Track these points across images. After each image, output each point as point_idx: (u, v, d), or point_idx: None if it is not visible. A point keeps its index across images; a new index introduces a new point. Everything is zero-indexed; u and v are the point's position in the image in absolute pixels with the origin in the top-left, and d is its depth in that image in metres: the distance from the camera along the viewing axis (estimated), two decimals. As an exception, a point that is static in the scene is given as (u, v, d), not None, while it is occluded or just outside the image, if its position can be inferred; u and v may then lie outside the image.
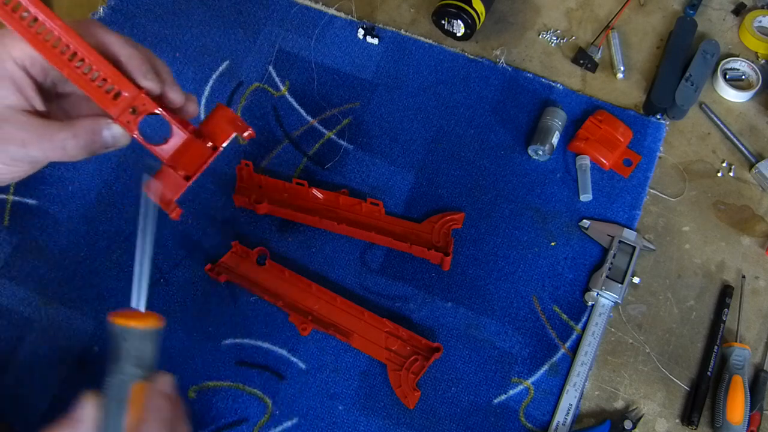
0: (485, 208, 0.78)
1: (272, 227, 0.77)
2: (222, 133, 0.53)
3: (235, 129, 0.53)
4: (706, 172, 0.81)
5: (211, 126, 0.53)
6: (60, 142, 0.46)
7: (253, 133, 0.53)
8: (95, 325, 0.72)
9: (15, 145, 0.46)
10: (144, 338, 0.47)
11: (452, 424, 0.69)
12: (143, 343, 0.47)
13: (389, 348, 0.70)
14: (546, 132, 0.79)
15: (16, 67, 0.46)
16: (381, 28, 0.87)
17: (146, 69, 0.48)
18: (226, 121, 0.53)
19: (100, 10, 0.87)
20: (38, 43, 0.45)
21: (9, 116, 0.46)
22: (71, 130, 0.47)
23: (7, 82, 0.46)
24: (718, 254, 0.76)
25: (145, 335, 0.47)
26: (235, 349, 0.71)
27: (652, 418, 0.70)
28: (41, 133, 0.46)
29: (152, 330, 0.47)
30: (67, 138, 0.46)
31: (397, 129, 0.82)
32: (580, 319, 0.73)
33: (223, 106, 0.53)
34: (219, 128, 0.53)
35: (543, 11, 0.90)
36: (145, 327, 0.47)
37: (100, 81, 0.46)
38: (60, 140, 0.46)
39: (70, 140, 0.46)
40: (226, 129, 0.53)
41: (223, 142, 0.53)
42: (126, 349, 0.46)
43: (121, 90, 0.47)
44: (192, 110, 0.53)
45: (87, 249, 0.75)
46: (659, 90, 0.82)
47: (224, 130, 0.53)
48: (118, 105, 0.47)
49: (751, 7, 0.90)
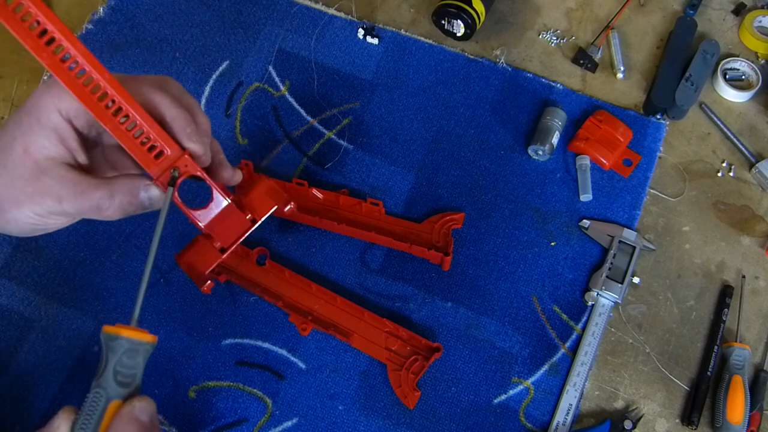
0: (485, 208, 0.78)
1: (272, 227, 0.77)
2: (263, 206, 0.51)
3: (277, 202, 0.51)
4: (706, 172, 0.81)
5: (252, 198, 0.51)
6: (96, 201, 0.46)
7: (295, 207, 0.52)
8: (95, 325, 0.72)
9: (51, 200, 0.45)
10: (133, 351, 0.43)
11: (452, 424, 0.69)
12: (131, 358, 0.43)
13: (389, 348, 0.70)
14: (546, 132, 0.79)
15: (60, 119, 0.45)
16: (381, 28, 0.87)
17: (191, 131, 0.46)
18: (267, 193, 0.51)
19: (100, 10, 0.87)
20: (84, 96, 0.44)
21: (49, 168, 0.45)
22: (108, 189, 0.46)
23: (50, 132, 0.45)
24: (718, 254, 0.76)
25: (135, 347, 0.43)
26: (235, 349, 0.71)
27: (652, 418, 0.70)
28: (78, 190, 0.45)
29: (144, 343, 0.43)
30: (103, 198, 0.46)
31: (397, 129, 0.82)
32: (580, 319, 0.73)
33: (266, 179, 0.52)
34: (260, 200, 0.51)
35: (543, 11, 0.90)
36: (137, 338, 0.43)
37: (144, 138, 0.45)
38: (96, 199, 0.45)
39: (105, 200, 0.46)
40: (268, 202, 0.51)
41: (263, 216, 0.51)
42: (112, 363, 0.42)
43: (164, 150, 0.46)
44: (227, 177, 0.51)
45: (87, 249, 0.75)
46: (659, 90, 0.82)
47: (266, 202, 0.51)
48: (160, 165, 0.46)
49: (751, 7, 0.90)
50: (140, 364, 0.44)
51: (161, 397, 0.69)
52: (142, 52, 0.85)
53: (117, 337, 0.43)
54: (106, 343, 0.43)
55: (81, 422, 0.41)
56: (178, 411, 0.69)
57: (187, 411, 0.69)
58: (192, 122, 0.47)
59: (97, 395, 0.42)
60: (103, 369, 0.42)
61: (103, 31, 0.86)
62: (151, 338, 0.44)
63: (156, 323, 0.72)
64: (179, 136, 0.47)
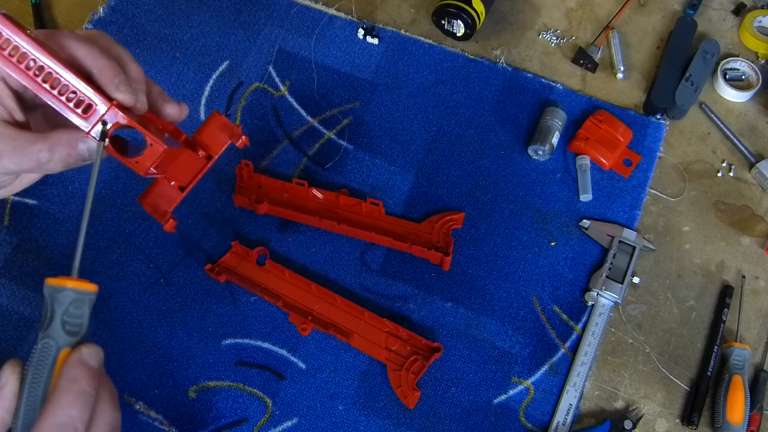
0: (485, 208, 0.78)
1: (272, 227, 0.77)
2: (217, 143, 0.52)
3: (231, 137, 0.52)
4: (706, 172, 0.81)
5: (206, 135, 0.52)
6: (36, 155, 0.45)
7: (246, 140, 0.53)
8: (95, 325, 0.72)
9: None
10: (79, 301, 0.43)
11: (452, 424, 0.69)
12: (78, 307, 0.43)
13: (389, 348, 0.70)
14: (546, 132, 0.79)
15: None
16: (381, 28, 0.87)
17: (119, 81, 0.46)
18: (220, 129, 0.53)
19: (100, 10, 0.87)
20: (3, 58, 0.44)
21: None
22: (47, 142, 0.46)
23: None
24: (718, 254, 0.76)
25: (81, 297, 0.43)
26: (235, 349, 0.71)
27: (652, 418, 0.70)
28: (17, 145, 0.45)
29: (89, 292, 0.44)
30: (42, 150, 0.45)
31: (397, 129, 0.82)
32: (580, 319, 0.73)
33: (218, 114, 0.53)
34: (213, 137, 0.52)
35: (543, 11, 0.90)
36: (83, 288, 0.43)
37: (70, 94, 0.45)
38: (35, 152, 0.45)
39: (45, 153, 0.45)
40: (221, 138, 0.52)
41: (218, 152, 0.52)
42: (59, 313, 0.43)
43: (92, 103, 0.46)
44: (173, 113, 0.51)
45: (87, 249, 0.75)
46: (659, 90, 0.82)
47: (219, 139, 0.52)
48: (89, 119, 0.46)
49: (751, 7, 0.90)
50: (86, 313, 0.44)
51: (161, 397, 0.69)
52: (142, 52, 0.85)
53: (63, 289, 0.43)
54: (51, 296, 0.43)
55: (33, 373, 0.41)
56: (178, 411, 0.69)
57: (187, 411, 0.69)
58: (120, 72, 0.47)
59: (46, 345, 0.42)
60: (49, 321, 0.42)
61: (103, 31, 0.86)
62: (95, 287, 0.44)
63: (156, 323, 0.72)
64: (107, 87, 0.46)
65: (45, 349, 0.42)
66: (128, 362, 0.71)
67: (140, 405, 0.69)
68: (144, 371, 0.70)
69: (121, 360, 0.71)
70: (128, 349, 0.71)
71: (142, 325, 0.72)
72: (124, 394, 0.69)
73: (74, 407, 0.40)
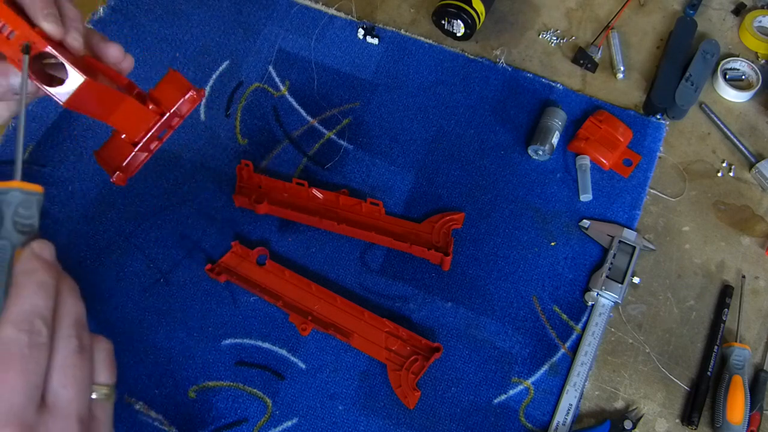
0: (485, 208, 0.78)
1: (272, 227, 0.77)
2: (170, 98, 0.52)
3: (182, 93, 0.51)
4: (706, 172, 0.81)
5: (159, 91, 0.52)
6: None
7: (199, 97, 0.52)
8: (95, 325, 0.72)
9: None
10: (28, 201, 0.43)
11: (452, 424, 0.69)
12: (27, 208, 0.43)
13: (389, 348, 0.70)
14: (546, 132, 0.79)
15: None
16: (381, 28, 0.87)
17: (48, 12, 0.46)
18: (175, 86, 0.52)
19: (100, 10, 0.87)
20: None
21: None
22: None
23: None
24: (718, 254, 0.76)
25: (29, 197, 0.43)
26: (235, 349, 0.71)
27: (652, 418, 0.70)
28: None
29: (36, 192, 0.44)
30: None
31: (397, 129, 0.82)
32: (580, 319, 0.73)
33: (174, 72, 0.52)
34: (167, 93, 0.52)
35: (543, 11, 0.90)
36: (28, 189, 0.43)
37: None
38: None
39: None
40: (175, 95, 0.52)
41: (170, 108, 0.52)
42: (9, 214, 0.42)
43: (15, 30, 0.46)
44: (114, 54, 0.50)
45: (87, 249, 0.75)
46: (659, 90, 0.82)
47: (173, 95, 0.52)
48: (11, 45, 0.46)
49: (751, 7, 0.90)
50: (36, 214, 0.44)
51: (161, 397, 0.69)
52: (142, 52, 0.85)
53: (9, 190, 0.43)
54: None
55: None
56: (178, 411, 0.69)
57: (187, 411, 0.69)
58: (52, 5, 0.47)
59: (1, 245, 0.42)
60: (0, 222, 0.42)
61: (103, 31, 0.85)
62: (40, 188, 0.44)
63: (156, 323, 0.72)
64: (34, 17, 0.46)
65: (2, 248, 0.42)
66: (128, 362, 0.71)
67: (140, 405, 0.69)
68: (144, 371, 0.70)
69: (121, 360, 0.70)
70: (128, 349, 0.71)
71: (142, 325, 0.72)
72: (124, 394, 0.69)
73: (37, 296, 0.39)
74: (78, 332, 0.40)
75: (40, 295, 0.39)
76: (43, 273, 0.40)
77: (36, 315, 0.38)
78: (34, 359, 0.37)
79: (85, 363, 0.40)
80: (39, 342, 0.37)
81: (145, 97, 0.52)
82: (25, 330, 0.37)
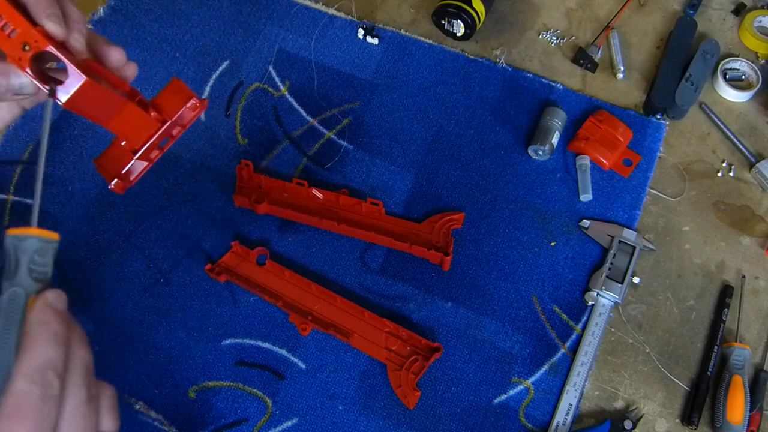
0: (485, 208, 0.78)
1: (272, 227, 0.77)
2: (171, 106, 0.52)
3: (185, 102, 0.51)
4: (706, 172, 0.81)
5: (162, 99, 0.52)
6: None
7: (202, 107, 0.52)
8: (95, 325, 0.72)
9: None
10: (44, 249, 0.43)
11: (452, 424, 0.69)
12: (42, 255, 0.43)
13: (389, 348, 0.70)
14: (546, 132, 0.79)
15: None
16: (381, 28, 0.87)
17: (50, 12, 0.46)
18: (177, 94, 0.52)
19: (100, 10, 0.87)
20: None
21: None
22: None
23: None
24: (718, 254, 0.76)
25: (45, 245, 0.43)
26: (235, 349, 0.71)
27: (652, 418, 0.70)
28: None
29: (52, 240, 0.44)
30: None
31: (397, 129, 0.82)
32: (580, 319, 0.73)
33: (177, 80, 0.52)
34: (169, 101, 0.51)
35: (543, 11, 0.90)
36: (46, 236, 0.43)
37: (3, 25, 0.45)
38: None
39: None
40: (177, 103, 0.52)
41: (172, 116, 0.52)
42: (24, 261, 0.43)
43: (16, 29, 0.45)
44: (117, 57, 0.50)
45: (87, 249, 0.75)
46: (659, 90, 0.82)
47: (174, 103, 0.52)
48: (12, 43, 0.45)
49: (751, 7, 0.90)
50: (50, 262, 0.44)
51: (161, 397, 0.69)
52: (142, 52, 0.85)
53: (26, 237, 0.43)
54: (15, 245, 0.43)
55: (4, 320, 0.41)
56: (178, 411, 0.69)
57: (187, 411, 0.69)
58: (55, 5, 0.46)
59: (15, 294, 0.42)
60: (14, 270, 0.42)
61: (103, 31, 0.86)
62: (57, 236, 0.44)
63: (156, 323, 0.72)
64: (37, 16, 0.46)
65: (14, 296, 0.42)
66: (128, 362, 0.71)
67: (140, 405, 0.69)
68: (144, 371, 0.70)
69: (121, 360, 0.71)
70: (128, 349, 0.71)
71: (142, 325, 0.72)
72: (125, 394, 0.69)
73: (50, 348, 0.39)
74: (87, 382, 0.41)
75: (53, 346, 0.40)
76: (57, 324, 0.41)
77: (49, 367, 0.39)
78: (45, 412, 0.38)
79: (93, 412, 0.41)
80: (51, 394, 0.38)
81: (147, 105, 0.52)
82: (38, 383, 0.38)
